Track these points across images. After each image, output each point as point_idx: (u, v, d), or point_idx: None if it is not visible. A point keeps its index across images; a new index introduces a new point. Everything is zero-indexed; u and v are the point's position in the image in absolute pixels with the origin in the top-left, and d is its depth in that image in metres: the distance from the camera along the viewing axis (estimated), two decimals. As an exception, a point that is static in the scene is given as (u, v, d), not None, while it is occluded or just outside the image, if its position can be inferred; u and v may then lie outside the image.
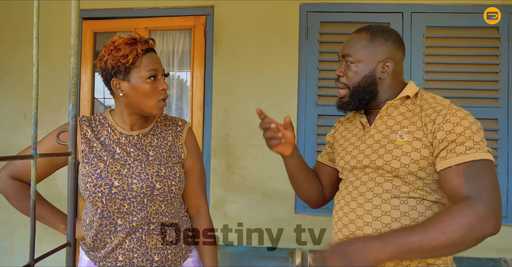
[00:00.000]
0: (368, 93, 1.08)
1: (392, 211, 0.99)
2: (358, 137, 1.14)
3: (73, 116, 0.57)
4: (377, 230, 1.00)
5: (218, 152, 2.23)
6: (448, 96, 2.06)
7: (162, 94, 1.12)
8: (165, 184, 1.11)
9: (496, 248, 2.04)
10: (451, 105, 1.01)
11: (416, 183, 0.99)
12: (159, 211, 1.12)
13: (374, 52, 1.07)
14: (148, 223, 1.11)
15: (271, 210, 2.17)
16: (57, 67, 2.35)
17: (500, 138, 2.06)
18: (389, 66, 1.07)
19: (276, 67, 2.19)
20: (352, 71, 1.08)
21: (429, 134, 0.97)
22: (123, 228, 1.09)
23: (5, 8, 2.44)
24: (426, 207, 0.98)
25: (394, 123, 1.06)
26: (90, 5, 2.36)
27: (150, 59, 1.10)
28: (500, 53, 2.07)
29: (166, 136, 1.20)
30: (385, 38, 1.08)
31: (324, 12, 2.18)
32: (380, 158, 1.03)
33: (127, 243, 1.10)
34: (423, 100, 1.07)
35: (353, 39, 1.11)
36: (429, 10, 2.11)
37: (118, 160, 1.10)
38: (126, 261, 1.10)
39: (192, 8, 2.30)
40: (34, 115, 0.47)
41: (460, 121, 0.95)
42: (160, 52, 2.43)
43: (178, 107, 2.50)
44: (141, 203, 1.09)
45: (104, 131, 1.15)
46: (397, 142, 1.01)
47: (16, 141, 2.37)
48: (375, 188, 1.03)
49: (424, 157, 0.98)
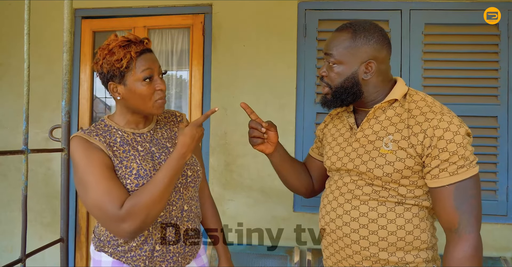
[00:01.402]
0: (351, 94, 1.06)
1: (370, 212, 1.02)
2: (345, 138, 1.14)
3: (66, 113, 0.57)
4: (354, 230, 1.03)
5: (217, 150, 2.23)
6: (448, 94, 2.09)
7: (159, 94, 1.11)
8: (194, 171, 1.18)
9: (495, 246, 2.03)
10: (442, 112, 0.99)
11: (398, 190, 1.01)
12: (190, 197, 1.18)
13: (356, 53, 1.03)
14: (182, 210, 1.15)
15: (269, 208, 2.17)
16: (55, 66, 2.36)
17: (499, 136, 2.05)
18: (372, 67, 1.04)
19: (274, 65, 2.18)
20: (334, 72, 1.06)
21: (418, 145, 0.97)
22: (163, 219, 1.12)
23: (4, 8, 2.44)
24: (405, 209, 1.01)
25: (380, 128, 1.05)
26: (89, 4, 2.37)
27: (144, 60, 1.08)
28: (499, 50, 2.06)
29: (171, 127, 1.25)
30: (367, 37, 1.03)
31: (322, 10, 2.17)
32: (363, 164, 1.04)
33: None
34: (412, 102, 1.04)
35: (335, 38, 1.07)
36: (428, 7, 2.10)
37: (146, 157, 1.12)
38: (163, 249, 1.12)
39: (190, 7, 2.30)
40: (26, 110, 0.47)
41: (453, 137, 0.94)
42: (159, 51, 2.44)
43: (177, 105, 2.50)
44: (178, 192, 1.14)
45: (115, 135, 1.13)
46: (382, 150, 1.01)
47: (15, 139, 2.38)
48: (355, 190, 1.05)
49: (408, 166, 0.98)
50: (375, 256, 1.01)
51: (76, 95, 2.40)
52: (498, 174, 2.05)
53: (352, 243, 1.03)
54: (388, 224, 1.00)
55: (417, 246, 1.01)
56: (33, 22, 2.29)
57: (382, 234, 1.00)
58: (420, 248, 1.01)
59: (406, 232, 0.99)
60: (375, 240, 1.01)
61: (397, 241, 1.00)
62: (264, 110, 2.19)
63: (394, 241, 1.00)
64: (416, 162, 0.98)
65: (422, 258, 1.01)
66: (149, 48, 1.13)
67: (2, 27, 2.43)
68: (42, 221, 2.38)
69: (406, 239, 1.00)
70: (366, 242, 1.02)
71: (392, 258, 1.00)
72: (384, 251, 1.01)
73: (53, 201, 2.37)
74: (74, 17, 2.39)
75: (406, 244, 1.00)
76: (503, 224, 2.05)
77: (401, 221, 0.99)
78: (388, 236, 1.00)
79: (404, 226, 0.99)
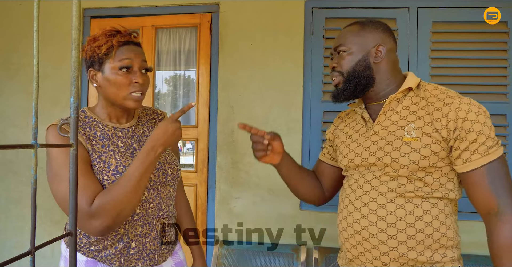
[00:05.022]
0: (364, 78, 1.06)
1: (397, 210, 0.98)
2: (361, 133, 1.11)
3: (74, 109, 0.58)
4: (381, 229, 0.99)
5: (224, 148, 2.24)
6: (455, 92, 2.07)
7: (135, 87, 1.07)
8: (174, 170, 1.17)
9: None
10: (459, 96, 0.99)
11: (424, 179, 0.97)
12: (167, 196, 1.17)
13: (365, 39, 1.08)
14: (159, 209, 1.14)
15: (276, 206, 2.18)
16: (64, 65, 2.39)
17: (508, 134, 2.03)
18: (382, 51, 1.06)
19: (281, 63, 2.19)
20: (346, 59, 1.08)
21: (442, 130, 0.95)
22: (140, 217, 1.09)
23: (15, 8, 2.48)
24: (432, 205, 0.98)
25: (399, 118, 1.03)
26: (98, 4, 2.39)
27: (126, 50, 1.07)
28: (508, 47, 2.04)
29: (153, 125, 1.23)
30: (375, 26, 1.09)
31: (329, 8, 2.17)
32: (387, 155, 1.00)
33: (143, 230, 1.11)
34: (426, 91, 1.04)
35: (343, 32, 1.12)
36: (436, 5, 2.09)
37: (126, 154, 1.09)
38: (139, 246, 1.10)
39: (198, 6, 2.32)
40: (35, 106, 0.48)
41: (476, 117, 0.93)
42: (167, 50, 2.45)
43: (185, 104, 2.52)
44: (156, 190, 1.12)
45: (96, 128, 1.10)
46: (405, 138, 0.99)
47: (26, 137, 2.41)
48: (380, 187, 1.01)
49: (435, 152, 0.96)
50: (403, 256, 0.97)
51: (85, 93, 2.43)
52: (507, 173, 2.03)
53: (380, 244, 0.99)
54: (416, 222, 0.97)
55: (444, 244, 0.99)
56: (44, 22, 2.34)
57: (410, 232, 0.97)
58: (447, 246, 0.99)
59: (433, 229, 0.97)
60: (404, 239, 0.97)
61: (425, 238, 0.97)
62: (270, 108, 2.19)
63: (422, 239, 0.97)
64: (442, 147, 0.96)
65: (448, 257, 0.99)
66: (136, 42, 1.11)
67: (13, 27, 2.47)
68: (52, 218, 2.41)
69: (434, 236, 0.97)
70: (395, 241, 0.98)
71: (421, 257, 0.97)
72: (412, 250, 0.97)
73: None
74: (83, 16, 2.42)
75: (433, 242, 0.98)
76: None
77: (428, 218, 0.97)
78: (416, 234, 0.97)
79: (431, 223, 0.97)
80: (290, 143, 2.15)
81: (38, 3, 0.50)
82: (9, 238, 2.48)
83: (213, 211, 2.25)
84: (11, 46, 2.48)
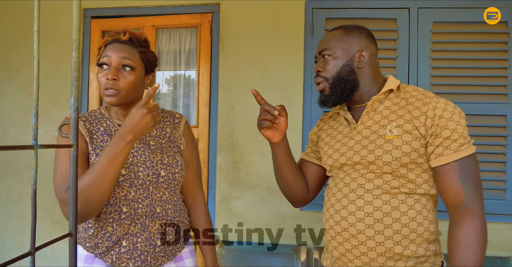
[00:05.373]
0: (349, 82, 1.10)
1: (383, 206, 1.02)
2: (345, 134, 1.14)
3: (75, 109, 0.58)
4: (369, 225, 1.02)
5: (224, 148, 2.24)
6: (456, 93, 2.08)
7: (107, 83, 1.08)
8: (169, 172, 1.14)
9: (504, 246, 2.01)
10: (437, 96, 1.06)
11: (407, 176, 1.02)
12: (163, 199, 1.14)
13: (348, 44, 1.11)
14: (154, 211, 1.13)
15: (276, 206, 2.18)
16: (65, 66, 2.39)
17: (508, 135, 2.03)
18: (365, 56, 1.11)
19: (281, 63, 2.19)
20: (330, 63, 1.11)
21: (421, 127, 1.01)
22: (127, 216, 1.10)
23: (16, 8, 2.48)
24: (415, 200, 1.02)
25: (381, 118, 1.08)
26: (99, 4, 2.40)
27: (109, 48, 1.12)
28: (508, 48, 2.04)
29: (164, 127, 1.22)
30: (358, 31, 1.13)
31: (330, 8, 2.17)
32: (371, 153, 1.05)
33: (131, 229, 1.11)
34: (406, 92, 1.10)
35: (328, 36, 1.16)
36: (436, 6, 2.09)
37: None
38: (130, 246, 1.10)
39: (198, 6, 2.32)
40: (35, 106, 0.48)
41: (451, 116, 0.99)
42: (167, 51, 2.46)
43: (185, 104, 2.52)
44: (147, 190, 1.11)
45: (103, 123, 1.16)
46: (387, 136, 1.04)
47: (27, 138, 2.42)
48: (366, 184, 1.05)
49: (415, 149, 1.01)
50: (390, 250, 1.01)
51: (85, 94, 2.43)
52: (507, 173, 2.03)
53: (367, 240, 1.02)
54: (401, 217, 1.01)
55: (427, 238, 1.03)
56: (44, 23, 2.34)
57: (396, 227, 1.01)
58: (429, 240, 1.03)
59: (417, 223, 1.01)
60: (390, 234, 1.01)
61: (409, 233, 1.01)
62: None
63: (407, 234, 1.01)
64: (421, 143, 1.01)
65: (431, 251, 1.03)
66: (123, 40, 1.12)
67: (13, 27, 2.48)
68: (52, 219, 2.41)
69: (418, 230, 1.01)
70: (382, 236, 1.01)
71: (406, 251, 1.01)
72: (398, 244, 1.01)
73: (63, 199, 2.41)
74: (84, 16, 2.42)
75: (417, 236, 1.01)
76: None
77: (413, 213, 1.01)
78: (401, 229, 1.01)
79: (415, 217, 1.01)
80: (290, 143, 2.13)
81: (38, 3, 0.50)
82: (9, 238, 2.48)
83: (213, 211, 2.26)
84: (11, 46, 2.48)
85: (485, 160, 2.04)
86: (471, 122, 2.04)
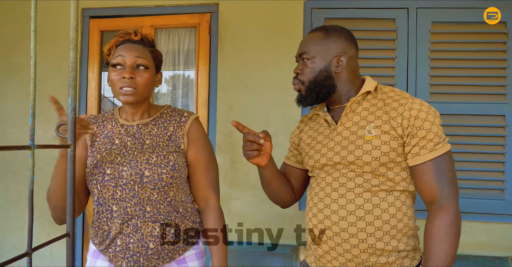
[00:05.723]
0: (325, 87, 1.12)
1: (365, 204, 1.05)
2: (325, 135, 1.16)
3: (72, 109, 0.58)
4: (351, 223, 1.05)
5: (223, 148, 2.24)
6: (455, 93, 2.08)
7: (124, 82, 1.10)
8: (154, 172, 1.10)
9: (503, 246, 2.02)
10: (412, 97, 1.08)
11: (387, 175, 1.05)
12: (152, 199, 1.12)
13: (327, 48, 1.12)
14: (143, 210, 1.12)
15: (275, 207, 2.15)
16: (64, 66, 2.39)
17: (507, 135, 2.03)
18: (343, 61, 1.12)
19: (280, 63, 2.19)
20: (308, 67, 1.13)
21: (398, 127, 1.04)
22: (118, 215, 1.12)
23: (15, 8, 2.48)
24: (395, 197, 1.06)
25: (360, 119, 1.10)
26: (97, 4, 2.39)
27: (121, 48, 1.13)
28: (507, 48, 2.04)
29: (167, 126, 1.20)
30: (338, 35, 1.13)
31: (329, 8, 2.17)
32: (351, 154, 1.07)
33: (125, 229, 1.13)
34: (383, 93, 1.12)
35: (308, 38, 1.17)
36: (435, 6, 2.09)
37: (114, 150, 1.15)
38: (123, 245, 1.13)
39: (197, 6, 2.32)
40: (32, 106, 0.48)
41: (426, 116, 1.02)
42: (166, 51, 2.45)
43: (184, 104, 2.52)
44: (133, 190, 1.11)
45: (109, 125, 1.19)
46: (366, 137, 1.06)
47: (25, 138, 2.41)
48: (348, 183, 1.07)
49: (393, 148, 1.04)
50: (372, 247, 1.04)
51: (84, 94, 2.43)
52: (505, 173, 2.03)
53: (350, 237, 1.05)
54: (382, 214, 1.04)
55: (406, 233, 1.06)
56: (43, 23, 2.34)
57: (378, 224, 1.04)
58: (408, 234, 1.07)
59: (397, 220, 1.05)
60: (372, 231, 1.04)
61: (390, 229, 1.04)
62: (269, 108, 2.19)
63: (388, 230, 1.04)
64: (399, 143, 1.04)
65: (411, 245, 1.07)
66: (135, 40, 1.16)
67: (13, 27, 2.47)
68: (50, 219, 2.40)
69: (398, 226, 1.05)
70: (364, 233, 1.04)
71: (387, 247, 1.04)
72: (380, 240, 1.04)
73: (62, 199, 2.40)
74: (82, 16, 2.42)
75: (397, 232, 1.05)
76: (511, 223, 2.03)
77: (393, 210, 1.05)
78: (383, 225, 1.04)
79: (395, 214, 1.05)
80: (289, 144, 2.15)
81: (35, 3, 0.50)
82: (8, 238, 2.48)
83: (212, 211, 2.25)
84: (11, 46, 2.47)
85: (483, 160, 2.04)
86: (470, 122, 2.05)
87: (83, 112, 2.40)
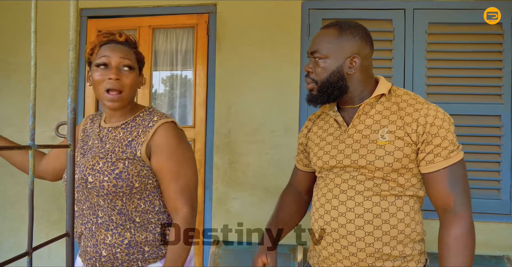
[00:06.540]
0: (337, 89, 1.09)
1: (374, 207, 1.03)
2: (335, 136, 1.13)
3: (71, 109, 0.58)
4: (359, 226, 1.03)
5: (221, 148, 2.24)
6: (451, 93, 2.09)
7: (110, 83, 1.07)
8: (97, 179, 1.06)
9: (499, 245, 2.03)
10: (427, 102, 1.06)
11: (397, 180, 1.03)
12: (101, 205, 1.08)
13: (341, 48, 1.08)
14: (96, 215, 1.11)
15: (273, 206, 2.17)
16: (62, 66, 2.39)
17: (503, 135, 2.05)
18: (357, 62, 1.08)
19: (278, 64, 2.20)
20: (320, 67, 1.09)
21: (412, 134, 1.02)
22: (78, 215, 1.14)
23: (13, 8, 2.47)
24: (404, 202, 1.04)
25: (372, 122, 1.07)
26: (95, 4, 2.39)
27: (105, 48, 1.11)
28: (503, 49, 2.06)
29: (133, 131, 1.13)
30: (353, 33, 1.08)
31: (326, 9, 2.18)
32: (362, 158, 1.04)
33: (85, 231, 1.14)
34: (397, 96, 1.09)
35: (321, 35, 1.11)
36: (432, 7, 2.10)
37: (81, 151, 1.18)
38: (84, 247, 1.15)
39: (195, 6, 2.32)
40: (32, 107, 0.48)
41: (442, 124, 1.01)
42: (164, 51, 2.46)
43: (182, 104, 2.52)
44: (83, 194, 1.11)
45: (95, 125, 1.21)
46: (379, 142, 1.04)
47: (22, 138, 2.41)
48: (357, 186, 1.05)
49: (407, 155, 1.02)
50: (379, 251, 1.03)
51: (81, 94, 2.42)
52: (501, 173, 2.05)
53: (357, 241, 1.03)
54: (390, 218, 1.03)
55: (413, 238, 1.05)
56: (41, 22, 2.34)
57: (385, 228, 1.02)
58: (415, 240, 1.06)
59: (405, 224, 1.04)
60: (379, 235, 1.02)
61: (398, 234, 1.03)
62: (268, 108, 2.20)
63: (395, 235, 1.03)
64: (413, 149, 1.03)
65: (417, 250, 1.06)
66: (119, 41, 1.14)
67: (11, 27, 2.47)
68: (49, 219, 2.41)
69: (405, 231, 1.04)
70: (371, 237, 1.03)
71: (394, 252, 1.03)
72: (387, 245, 1.03)
73: (60, 199, 2.40)
74: (80, 16, 2.42)
75: (405, 237, 1.04)
76: (507, 223, 2.04)
77: (401, 214, 1.03)
78: (390, 230, 1.03)
79: (403, 219, 1.04)
80: (287, 144, 2.16)
81: (35, 3, 0.50)
82: (6, 239, 2.47)
83: (210, 211, 2.26)
84: (8, 46, 2.47)
85: (479, 160, 2.05)
86: (466, 122, 2.06)
87: (81, 112, 2.39)
